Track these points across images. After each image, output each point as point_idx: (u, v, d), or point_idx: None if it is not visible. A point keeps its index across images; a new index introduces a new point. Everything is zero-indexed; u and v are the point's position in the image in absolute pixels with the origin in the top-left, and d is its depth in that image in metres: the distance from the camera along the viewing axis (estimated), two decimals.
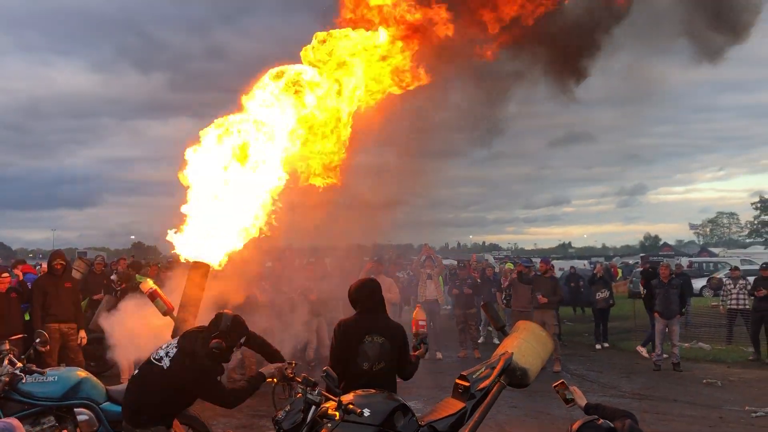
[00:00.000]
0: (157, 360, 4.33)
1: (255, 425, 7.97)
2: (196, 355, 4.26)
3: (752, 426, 8.28)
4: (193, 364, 4.25)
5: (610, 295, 15.54)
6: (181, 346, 4.36)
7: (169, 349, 4.37)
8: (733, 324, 14.66)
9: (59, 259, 9.39)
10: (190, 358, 4.27)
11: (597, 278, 15.88)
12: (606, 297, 15.35)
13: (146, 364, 4.42)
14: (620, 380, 11.37)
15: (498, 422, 8.27)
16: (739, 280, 14.50)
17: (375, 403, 4.29)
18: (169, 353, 4.33)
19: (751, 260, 35.01)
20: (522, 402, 9.45)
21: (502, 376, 5.04)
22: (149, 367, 4.36)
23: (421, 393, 9.93)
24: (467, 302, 13.77)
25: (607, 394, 10.24)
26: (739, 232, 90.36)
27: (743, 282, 14.40)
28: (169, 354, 4.32)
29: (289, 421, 4.09)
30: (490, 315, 5.84)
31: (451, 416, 4.76)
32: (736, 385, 10.83)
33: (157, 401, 4.30)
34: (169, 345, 4.43)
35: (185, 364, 4.25)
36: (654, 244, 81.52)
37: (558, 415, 8.88)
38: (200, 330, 4.48)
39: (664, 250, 55.02)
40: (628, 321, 17.22)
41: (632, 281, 26.09)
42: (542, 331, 5.54)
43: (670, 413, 8.91)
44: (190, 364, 4.25)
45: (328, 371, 4.16)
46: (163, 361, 4.29)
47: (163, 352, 4.36)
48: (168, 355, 4.32)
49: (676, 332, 12.19)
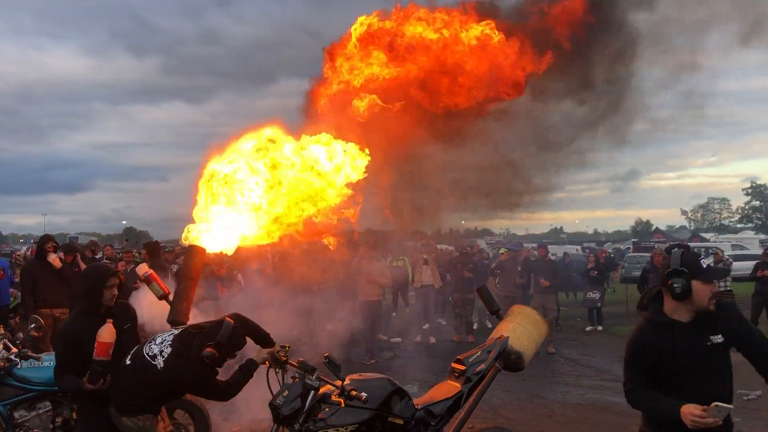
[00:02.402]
0: (150, 357, 4.24)
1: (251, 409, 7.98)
2: (190, 361, 4.17)
3: (744, 409, 8.35)
4: (187, 370, 4.18)
5: (599, 298, 15.56)
6: (175, 347, 4.26)
7: (163, 347, 4.27)
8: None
9: (51, 242, 9.29)
10: (184, 362, 4.18)
11: (590, 278, 15.86)
12: (594, 299, 15.37)
13: (139, 357, 4.31)
14: (613, 364, 11.43)
15: (492, 406, 8.32)
16: (719, 263, 14.58)
17: (372, 387, 4.30)
18: (164, 352, 4.23)
19: (741, 245, 35.29)
20: (516, 386, 9.51)
21: (498, 360, 5.07)
22: (142, 362, 4.26)
23: (416, 377, 9.98)
24: (466, 287, 13.76)
25: (601, 377, 10.32)
26: (730, 217, 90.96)
27: (722, 265, 14.50)
28: (163, 353, 4.23)
29: (288, 407, 4.09)
30: (485, 299, 5.81)
31: (448, 400, 4.78)
32: None
33: (149, 396, 4.23)
34: (163, 341, 4.32)
35: (179, 369, 4.18)
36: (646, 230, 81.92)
37: (552, 398, 8.95)
38: (197, 332, 4.35)
39: (655, 236, 55.30)
40: (620, 306, 17.33)
41: (624, 266, 26.26)
42: (536, 315, 5.56)
43: None
44: (184, 369, 4.18)
45: (331, 357, 4.11)
46: (156, 360, 4.21)
47: (157, 350, 4.26)
48: (162, 354, 4.22)
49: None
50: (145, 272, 5.94)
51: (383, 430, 4.30)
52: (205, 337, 4.22)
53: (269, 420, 4.32)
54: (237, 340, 4.31)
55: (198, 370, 4.18)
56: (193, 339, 4.28)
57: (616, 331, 15.01)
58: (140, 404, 4.22)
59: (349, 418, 4.11)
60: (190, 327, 4.54)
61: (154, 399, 4.30)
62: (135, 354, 4.36)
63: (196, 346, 4.21)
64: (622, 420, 7.82)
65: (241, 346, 4.38)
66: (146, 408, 4.25)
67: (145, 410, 4.23)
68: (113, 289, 4.47)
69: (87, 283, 4.52)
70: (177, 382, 4.26)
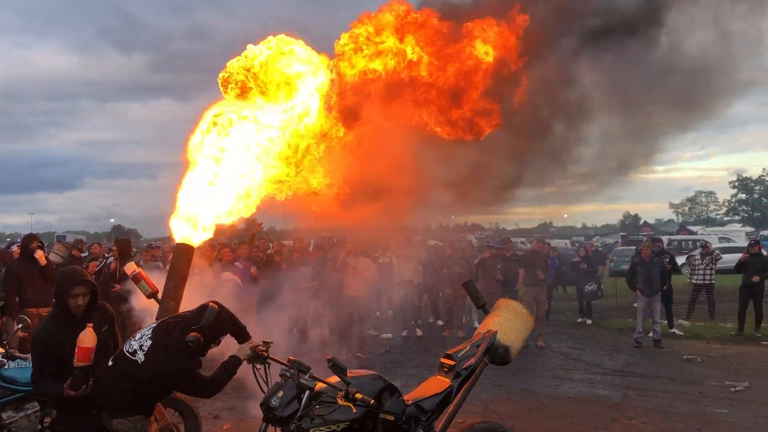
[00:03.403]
0: (130, 353, 4.15)
1: (241, 407, 7.96)
2: (170, 350, 4.08)
3: (732, 400, 8.43)
4: (167, 360, 4.07)
5: (598, 287, 15.67)
6: (155, 338, 4.18)
7: (143, 341, 4.18)
8: (696, 299, 14.96)
9: (36, 241, 9.22)
10: (164, 352, 4.09)
11: (582, 270, 15.92)
12: (594, 290, 15.46)
13: (120, 357, 4.23)
14: (603, 358, 11.51)
15: (483, 401, 8.34)
16: (706, 256, 14.72)
17: (363, 384, 4.30)
18: (143, 346, 4.14)
19: (728, 238, 35.58)
20: (506, 380, 9.54)
21: (486, 355, 5.08)
22: (123, 360, 4.17)
23: (406, 372, 9.99)
24: (458, 282, 13.74)
25: (590, 371, 10.36)
26: (717, 210, 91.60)
27: (709, 258, 14.67)
28: (143, 347, 4.14)
29: (285, 409, 4.03)
30: (471, 294, 5.79)
31: (438, 395, 4.78)
32: (715, 361, 11.02)
33: (133, 394, 4.13)
34: (142, 336, 4.23)
35: (159, 359, 4.07)
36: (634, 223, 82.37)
37: (541, 392, 8.98)
38: (179, 319, 4.27)
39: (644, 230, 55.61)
40: (610, 299, 17.41)
41: (613, 260, 26.40)
42: (523, 308, 5.56)
43: (652, 389, 9.05)
44: (164, 359, 4.07)
45: (334, 360, 4.06)
46: (137, 355, 4.11)
47: (137, 345, 4.17)
48: (142, 348, 4.14)
49: (657, 309, 12.38)
50: (133, 271, 5.90)
51: (375, 427, 4.30)
52: (188, 323, 4.13)
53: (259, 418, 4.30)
54: (221, 325, 4.24)
55: (179, 359, 4.07)
56: (173, 328, 4.18)
57: (606, 324, 15.10)
58: (127, 403, 4.13)
59: (342, 415, 4.10)
60: (170, 317, 4.44)
61: (139, 396, 4.17)
62: (117, 355, 4.27)
63: (177, 335, 4.11)
64: (612, 413, 7.86)
65: (225, 331, 4.31)
66: (134, 407, 4.16)
67: (133, 410, 4.15)
68: (78, 298, 4.34)
69: (55, 288, 4.43)
70: (158, 373, 4.10)
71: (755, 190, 79.71)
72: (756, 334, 12.98)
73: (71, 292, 4.31)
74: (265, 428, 4.19)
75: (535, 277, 12.88)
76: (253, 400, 8.20)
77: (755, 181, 79.61)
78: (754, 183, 79.80)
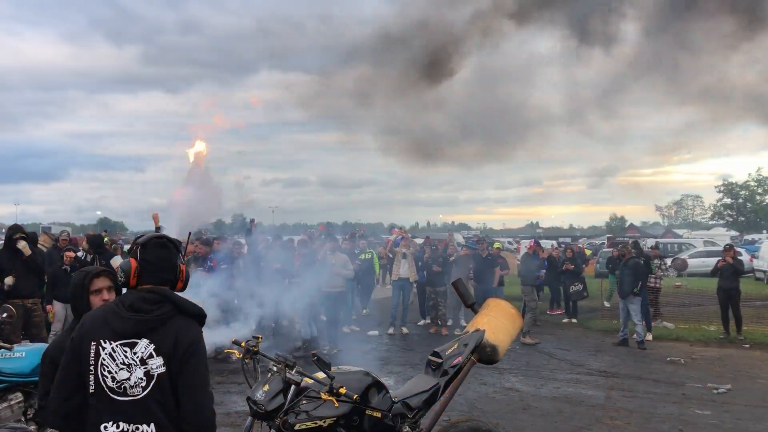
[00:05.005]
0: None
1: (225, 401, 7.95)
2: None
3: (714, 402, 8.51)
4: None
5: (584, 288, 15.77)
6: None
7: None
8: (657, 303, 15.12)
9: (20, 232, 9.12)
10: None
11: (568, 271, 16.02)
12: (579, 290, 15.57)
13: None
14: (587, 358, 11.57)
15: (468, 399, 8.36)
16: (655, 259, 14.93)
17: (350, 381, 4.30)
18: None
19: (713, 241, 35.89)
20: (491, 379, 9.58)
21: (474, 353, 5.09)
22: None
23: (393, 370, 10.00)
24: (436, 280, 13.93)
25: (575, 371, 10.42)
26: (703, 214, 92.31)
27: (658, 262, 14.98)
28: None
29: (271, 403, 4.03)
30: (460, 292, 5.80)
31: (425, 392, 4.79)
32: (698, 363, 11.11)
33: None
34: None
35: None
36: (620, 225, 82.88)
37: (526, 391, 9.02)
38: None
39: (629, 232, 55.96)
40: (595, 300, 17.52)
41: (599, 261, 26.54)
42: (511, 308, 5.59)
43: (636, 390, 9.11)
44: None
45: (319, 355, 4.09)
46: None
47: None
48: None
49: (634, 311, 12.54)
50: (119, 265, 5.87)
51: (361, 423, 4.30)
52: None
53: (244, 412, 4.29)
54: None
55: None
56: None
57: (591, 325, 15.19)
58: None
59: (328, 411, 4.10)
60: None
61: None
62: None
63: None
64: (596, 413, 7.91)
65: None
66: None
67: None
68: (103, 292, 3.56)
69: (71, 292, 3.69)
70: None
71: (740, 194, 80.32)
72: (738, 337, 13.11)
73: (91, 287, 3.57)
74: (250, 422, 4.18)
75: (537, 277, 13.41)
76: (238, 394, 8.21)
77: (741, 186, 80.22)
78: (740, 188, 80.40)
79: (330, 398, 4.01)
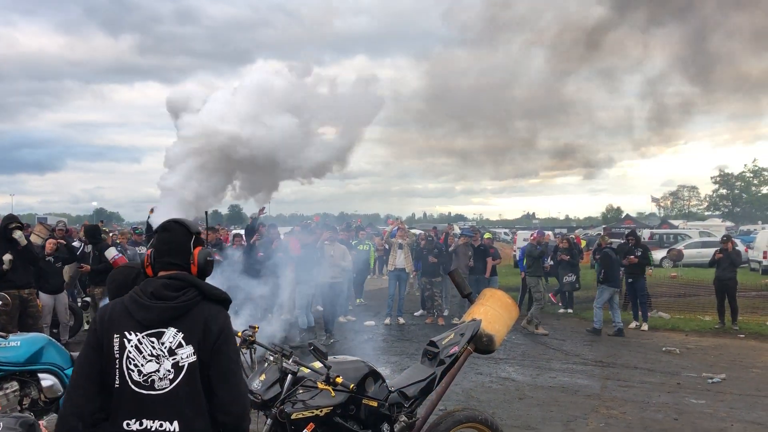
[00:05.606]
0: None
1: None
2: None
3: (708, 392, 8.55)
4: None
5: (576, 279, 15.81)
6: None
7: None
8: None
9: (15, 222, 9.08)
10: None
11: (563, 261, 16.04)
12: (572, 281, 15.61)
13: None
14: (583, 348, 11.61)
15: (464, 389, 8.39)
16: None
17: (347, 370, 4.31)
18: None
19: (709, 232, 35.98)
20: (488, 369, 9.61)
21: (470, 343, 5.09)
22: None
23: (389, 359, 10.02)
24: (432, 271, 13.98)
25: (571, 361, 10.46)
26: (699, 205, 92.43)
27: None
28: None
29: (268, 393, 4.04)
30: (457, 282, 5.80)
31: (421, 382, 4.80)
32: (693, 353, 11.16)
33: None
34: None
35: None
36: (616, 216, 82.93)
37: (522, 381, 9.05)
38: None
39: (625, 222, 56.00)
40: (591, 290, 17.53)
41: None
42: (508, 298, 5.58)
43: (631, 380, 9.15)
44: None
45: (315, 344, 4.09)
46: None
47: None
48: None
49: (600, 298, 13.07)
50: (113, 256, 5.86)
51: (358, 412, 4.31)
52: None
53: None
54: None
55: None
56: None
57: (587, 315, 15.21)
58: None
59: (325, 400, 4.11)
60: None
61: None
62: None
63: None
64: (592, 403, 7.95)
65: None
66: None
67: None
68: None
69: (114, 289, 3.28)
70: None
71: (736, 185, 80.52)
72: (733, 327, 13.16)
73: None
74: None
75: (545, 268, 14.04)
76: None
77: (736, 176, 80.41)
78: (735, 179, 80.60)
79: (326, 388, 4.01)
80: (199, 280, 2.65)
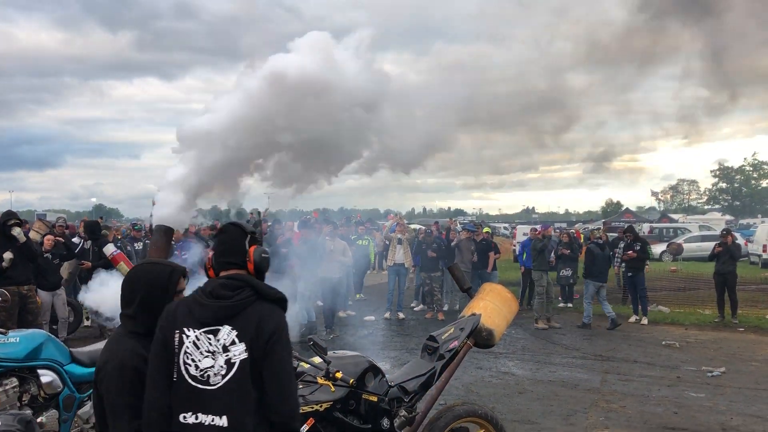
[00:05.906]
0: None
1: None
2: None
3: (708, 385, 8.56)
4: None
5: (572, 274, 15.80)
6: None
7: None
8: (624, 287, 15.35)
9: (14, 218, 9.06)
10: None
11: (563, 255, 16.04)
12: (568, 275, 15.60)
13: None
14: (582, 342, 11.62)
15: (464, 383, 8.40)
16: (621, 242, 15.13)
17: (347, 365, 4.30)
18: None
19: (709, 226, 35.99)
20: (487, 363, 9.62)
21: (470, 337, 5.09)
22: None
23: (389, 354, 10.03)
24: (432, 266, 13.99)
25: (570, 355, 10.47)
26: (698, 198, 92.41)
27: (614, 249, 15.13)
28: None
29: None
30: (456, 277, 5.80)
31: (421, 377, 4.79)
32: (693, 347, 11.17)
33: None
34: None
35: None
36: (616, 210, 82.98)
37: (522, 375, 9.06)
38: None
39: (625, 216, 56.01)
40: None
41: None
42: (507, 292, 5.58)
43: (631, 374, 9.16)
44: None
45: (315, 340, 4.10)
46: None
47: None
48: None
49: (587, 293, 13.33)
50: (111, 252, 5.85)
51: (357, 407, 4.31)
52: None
53: None
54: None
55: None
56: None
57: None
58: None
59: (324, 395, 4.11)
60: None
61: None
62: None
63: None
64: (592, 397, 7.95)
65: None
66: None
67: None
68: (181, 294, 3.00)
69: (145, 291, 2.92)
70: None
71: (736, 179, 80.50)
72: (733, 321, 13.17)
73: (177, 288, 3.00)
74: None
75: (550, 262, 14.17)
76: None
77: (736, 170, 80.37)
78: (735, 172, 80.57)
79: (326, 383, 4.01)
80: (256, 280, 2.73)
